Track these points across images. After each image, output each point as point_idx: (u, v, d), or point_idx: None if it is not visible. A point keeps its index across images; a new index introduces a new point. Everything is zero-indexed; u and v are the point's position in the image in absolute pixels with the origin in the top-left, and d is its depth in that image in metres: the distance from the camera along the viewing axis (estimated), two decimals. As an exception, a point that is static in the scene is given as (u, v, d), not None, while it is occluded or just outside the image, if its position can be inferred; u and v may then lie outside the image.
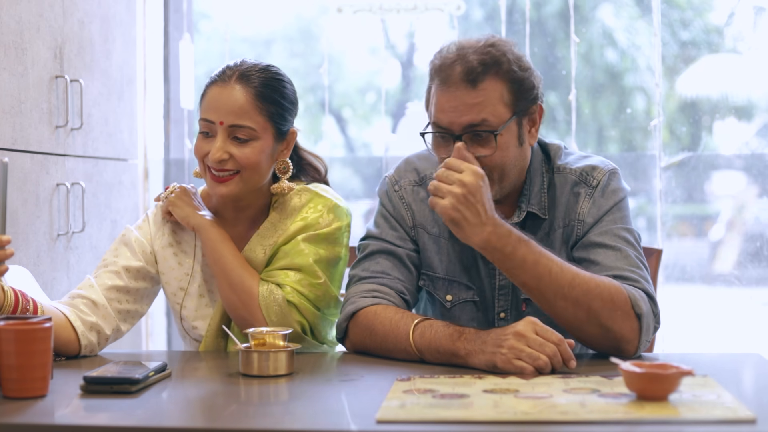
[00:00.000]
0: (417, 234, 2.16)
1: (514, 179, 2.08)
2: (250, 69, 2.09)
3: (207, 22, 4.51)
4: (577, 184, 2.10)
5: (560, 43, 3.95)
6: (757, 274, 3.81)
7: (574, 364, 1.79)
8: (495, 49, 2.02)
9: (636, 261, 2.02)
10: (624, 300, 1.92)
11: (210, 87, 2.10)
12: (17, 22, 2.66)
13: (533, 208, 2.10)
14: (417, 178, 2.19)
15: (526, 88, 2.03)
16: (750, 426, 1.43)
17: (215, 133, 2.06)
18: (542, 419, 1.47)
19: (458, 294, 2.14)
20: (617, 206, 2.08)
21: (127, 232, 2.20)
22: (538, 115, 2.08)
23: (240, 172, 2.07)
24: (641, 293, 1.96)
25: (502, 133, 2.01)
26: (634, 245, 2.05)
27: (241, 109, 2.05)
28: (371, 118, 4.61)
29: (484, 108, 2.00)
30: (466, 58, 2.01)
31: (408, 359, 1.94)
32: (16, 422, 1.52)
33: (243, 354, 1.84)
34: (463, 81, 1.99)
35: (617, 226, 2.06)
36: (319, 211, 2.15)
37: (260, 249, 2.14)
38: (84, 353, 2.06)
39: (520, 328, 1.81)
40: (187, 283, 2.18)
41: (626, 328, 1.92)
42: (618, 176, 2.13)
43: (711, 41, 4.10)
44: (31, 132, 2.74)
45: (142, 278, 2.17)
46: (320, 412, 1.59)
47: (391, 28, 4.27)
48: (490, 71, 2.00)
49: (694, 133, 4.05)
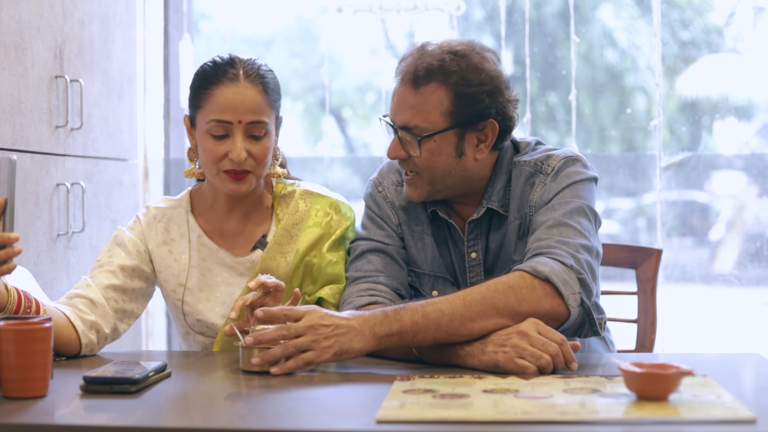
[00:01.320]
0: (402, 231, 2.20)
1: (455, 185, 2.10)
2: (251, 65, 2.12)
3: (207, 22, 4.51)
4: (533, 174, 2.10)
5: (560, 43, 3.95)
6: (757, 274, 3.81)
7: (576, 366, 1.79)
8: (452, 57, 2.03)
9: (562, 227, 1.96)
10: (519, 278, 1.87)
11: (215, 87, 2.08)
12: (17, 22, 2.66)
13: (493, 204, 2.11)
14: (399, 179, 2.23)
15: (472, 102, 2.03)
16: (750, 426, 1.43)
17: (231, 133, 2.08)
18: (542, 419, 1.47)
19: (443, 289, 2.16)
20: (569, 187, 2.04)
21: (120, 232, 2.22)
22: (491, 131, 2.06)
23: (253, 171, 2.11)
24: (543, 259, 1.90)
25: (434, 140, 2.04)
26: (572, 213, 1.99)
27: (258, 107, 2.09)
28: (371, 118, 4.61)
29: (419, 112, 2.04)
30: (419, 60, 2.06)
31: (406, 359, 1.94)
32: (16, 422, 1.52)
33: (243, 351, 1.86)
34: (409, 80, 2.05)
35: (562, 199, 2.02)
36: (327, 214, 2.22)
37: (281, 258, 2.18)
38: (84, 353, 2.07)
39: (523, 327, 1.81)
40: (185, 278, 2.19)
41: (542, 297, 1.86)
42: (577, 162, 2.08)
43: (711, 41, 4.10)
44: (31, 132, 2.74)
45: (137, 277, 2.18)
46: (320, 411, 1.59)
47: (391, 28, 4.27)
48: (434, 78, 2.03)
49: (694, 133, 4.05)
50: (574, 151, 2.13)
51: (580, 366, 1.84)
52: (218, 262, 2.20)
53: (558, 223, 1.99)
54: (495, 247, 2.14)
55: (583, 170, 2.08)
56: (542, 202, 2.06)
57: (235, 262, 2.19)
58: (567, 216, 2.00)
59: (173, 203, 2.25)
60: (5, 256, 1.78)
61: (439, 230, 2.18)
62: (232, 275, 2.19)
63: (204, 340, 2.23)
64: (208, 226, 2.22)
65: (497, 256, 2.14)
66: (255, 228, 2.22)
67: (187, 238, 2.21)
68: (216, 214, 2.22)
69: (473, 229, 2.14)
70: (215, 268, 2.20)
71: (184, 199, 2.25)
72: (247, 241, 2.21)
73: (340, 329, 1.81)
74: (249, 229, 2.22)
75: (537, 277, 1.88)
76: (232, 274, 2.19)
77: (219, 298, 2.19)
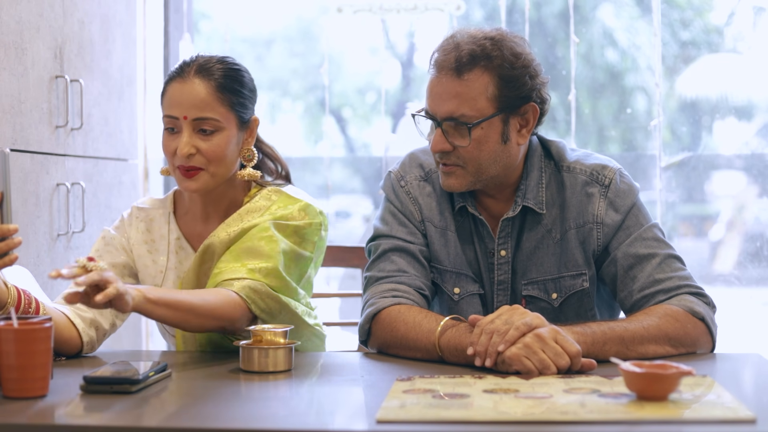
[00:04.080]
0: (425, 228, 2.17)
1: (497, 174, 2.08)
2: (207, 62, 2.12)
3: (207, 22, 4.51)
4: (589, 183, 2.11)
5: (560, 43, 3.95)
6: (757, 274, 3.81)
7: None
8: (491, 42, 2.02)
9: (670, 261, 2.06)
10: (681, 313, 1.97)
11: (170, 83, 2.12)
12: (17, 22, 2.66)
13: (529, 202, 2.10)
14: (422, 173, 2.19)
15: (516, 85, 2.02)
16: (750, 426, 1.43)
17: (180, 128, 2.09)
18: (542, 419, 1.47)
19: (465, 287, 2.14)
20: (636, 206, 2.11)
21: (106, 232, 2.24)
22: (532, 115, 2.07)
23: (205, 168, 2.08)
24: (689, 297, 2.01)
25: (481, 127, 2.02)
26: (661, 240, 2.09)
27: (203, 102, 2.07)
28: (371, 118, 4.61)
29: (465, 100, 2.01)
30: (459, 48, 2.03)
31: (428, 359, 1.94)
32: (16, 422, 1.52)
33: (243, 350, 1.87)
34: (450, 69, 2.01)
35: (642, 229, 2.09)
36: (289, 210, 2.13)
37: (224, 234, 2.13)
38: (86, 350, 2.07)
39: (542, 330, 1.79)
40: (161, 280, 2.19)
41: (700, 334, 1.98)
42: (624, 174, 2.15)
43: (711, 41, 4.10)
44: (31, 132, 2.74)
45: (128, 274, 2.20)
46: (320, 411, 1.59)
47: (391, 28, 4.27)
48: (479, 63, 2.01)
49: (694, 133, 4.05)
50: (612, 160, 2.17)
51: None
52: None
53: (665, 257, 2.06)
54: (530, 247, 2.12)
55: (633, 182, 2.15)
56: (611, 221, 2.08)
57: None
58: (663, 246, 2.08)
59: (157, 204, 2.25)
60: (5, 248, 1.77)
61: (464, 226, 2.15)
62: None
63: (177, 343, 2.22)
64: (187, 228, 2.22)
65: (530, 257, 2.12)
66: None
67: (166, 239, 2.21)
68: (193, 217, 2.21)
69: (506, 226, 2.12)
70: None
71: (168, 200, 2.25)
72: None
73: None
74: None
75: (695, 316, 1.98)
76: None
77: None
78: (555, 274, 2.11)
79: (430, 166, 2.18)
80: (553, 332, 1.79)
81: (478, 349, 1.80)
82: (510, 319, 1.80)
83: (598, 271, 2.12)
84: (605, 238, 2.09)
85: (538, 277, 2.11)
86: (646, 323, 1.92)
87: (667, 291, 2.03)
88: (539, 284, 2.12)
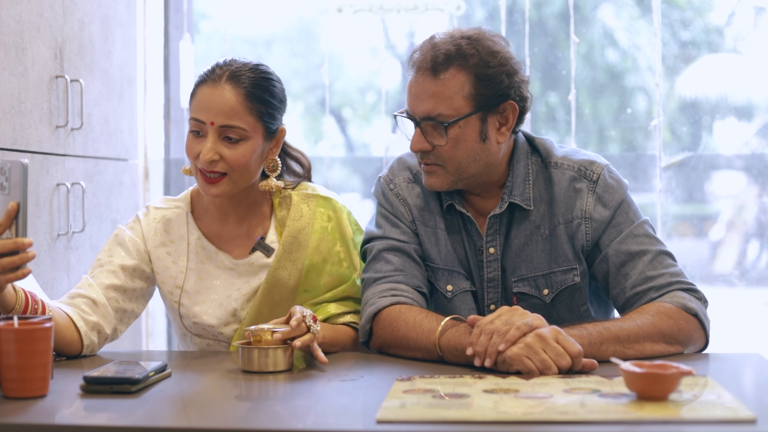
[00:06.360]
0: (417, 227, 2.18)
1: (479, 173, 2.09)
2: (240, 69, 2.10)
3: (207, 22, 4.50)
4: (576, 179, 2.11)
5: (560, 43, 3.95)
6: (757, 274, 3.81)
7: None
8: (467, 41, 2.04)
9: (661, 257, 2.07)
10: (674, 310, 1.97)
11: (200, 86, 2.10)
12: (17, 22, 2.66)
13: (516, 199, 2.11)
14: (411, 175, 2.22)
15: (493, 84, 2.03)
16: (750, 426, 1.43)
17: (206, 133, 2.07)
18: (542, 419, 1.47)
19: (458, 284, 2.15)
20: (625, 202, 2.11)
21: (120, 231, 2.21)
22: (512, 113, 2.07)
23: (228, 174, 2.08)
24: (680, 293, 2.01)
25: (458, 126, 2.03)
26: (652, 237, 2.09)
27: (231, 110, 2.06)
28: (371, 118, 4.61)
29: (441, 99, 2.03)
30: (436, 48, 2.05)
31: (429, 359, 1.94)
32: (16, 422, 1.52)
33: (243, 350, 1.87)
34: (427, 69, 2.04)
35: (633, 226, 2.09)
36: (330, 218, 2.22)
37: (291, 266, 2.18)
38: (85, 353, 2.07)
39: (543, 330, 1.79)
40: (182, 280, 2.19)
41: (693, 329, 1.99)
42: (612, 170, 2.15)
43: (711, 41, 4.10)
44: (31, 132, 2.74)
45: (138, 277, 2.18)
46: (320, 412, 1.59)
47: (391, 28, 4.27)
48: (454, 63, 2.02)
49: (694, 133, 4.05)
50: (600, 156, 2.18)
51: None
52: (217, 264, 2.20)
53: (656, 254, 2.07)
54: (518, 244, 2.13)
55: (622, 178, 2.15)
56: (599, 216, 2.09)
57: (234, 264, 2.19)
58: (654, 243, 2.09)
59: (173, 204, 2.25)
60: (19, 262, 1.78)
61: (453, 224, 2.17)
62: (232, 277, 2.19)
63: (201, 342, 2.23)
64: (207, 228, 2.22)
65: (519, 253, 2.13)
66: (253, 230, 2.21)
67: (186, 240, 2.21)
68: (213, 217, 2.21)
69: (493, 223, 2.13)
70: (214, 270, 2.20)
71: (185, 200, 2.25)
72: (245, 243, 2.21)
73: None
74: (247, 231, 2.21)
75: (687, 312, 1.98)
76: (232, 276, 2.19)
77: (216, 300, 2.18)
78: (545, 270, 2.11)
79: (418, 168, 2.19)
80: (554, 332, 1.79)
81: (477, 350, 1.80)
82: (510, 319, 1.80)
83: (590, 269, 2.12)
84: (594, 234, 2.09)
85: (528, 273, 2.12)
86: (641, 321, 1.93)
87: (659, 288, 2.03)
88: (530, 281, 2.12)
